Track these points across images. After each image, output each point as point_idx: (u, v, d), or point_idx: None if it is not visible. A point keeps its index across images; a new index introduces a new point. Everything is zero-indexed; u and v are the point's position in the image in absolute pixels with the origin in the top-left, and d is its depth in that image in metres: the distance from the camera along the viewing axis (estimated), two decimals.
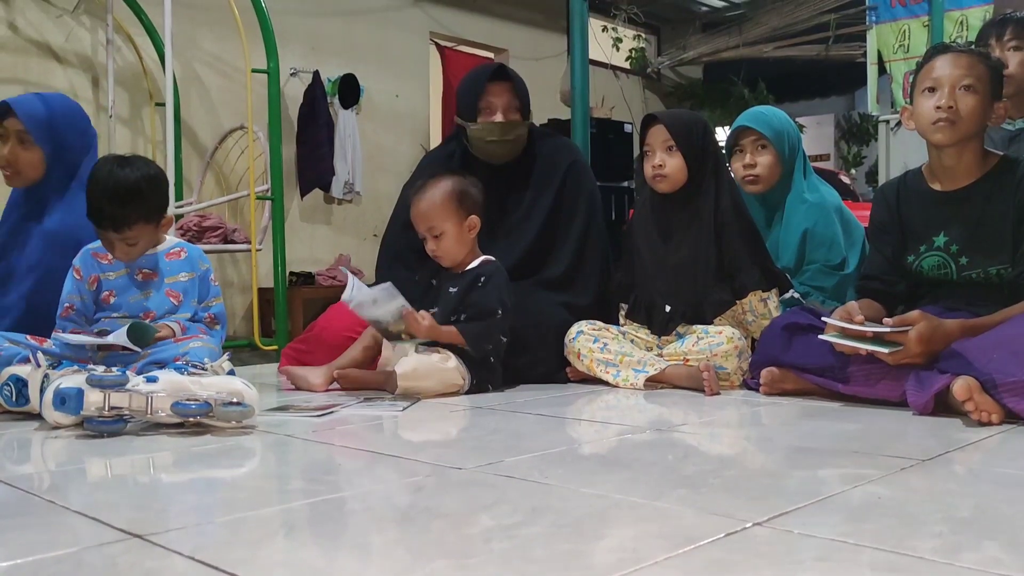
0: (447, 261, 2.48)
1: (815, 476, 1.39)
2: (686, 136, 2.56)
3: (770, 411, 2.07)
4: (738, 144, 2.81)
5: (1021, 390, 1.73)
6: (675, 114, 2.72)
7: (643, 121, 2.66)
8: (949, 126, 2.07)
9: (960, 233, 2.13)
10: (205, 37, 5.12)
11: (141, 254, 2.32)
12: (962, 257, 2.12)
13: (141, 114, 4.92)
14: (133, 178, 2.21)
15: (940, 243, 2.16)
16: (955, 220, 2.15)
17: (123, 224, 2.22)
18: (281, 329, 4.17)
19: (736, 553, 0.99)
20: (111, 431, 1.76)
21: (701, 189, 2.57)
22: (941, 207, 2.18)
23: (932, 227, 2.18)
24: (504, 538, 1.05)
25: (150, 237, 2.31)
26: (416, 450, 1.73)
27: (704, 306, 2.52)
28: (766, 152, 2.76)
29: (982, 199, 2.13)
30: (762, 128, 2.76)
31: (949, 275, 2.14)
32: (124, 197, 2.20)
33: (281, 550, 1.05)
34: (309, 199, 5.67)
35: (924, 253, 2.18)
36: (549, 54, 7.13)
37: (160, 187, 2.30)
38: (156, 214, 2.29)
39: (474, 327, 2.37)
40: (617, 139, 6.76)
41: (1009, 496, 1.24)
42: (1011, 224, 2.08)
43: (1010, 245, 2.08)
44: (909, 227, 2.24)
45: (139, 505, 1.26)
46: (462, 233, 2.46)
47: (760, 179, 2.76)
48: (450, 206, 2.44)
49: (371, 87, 5.97)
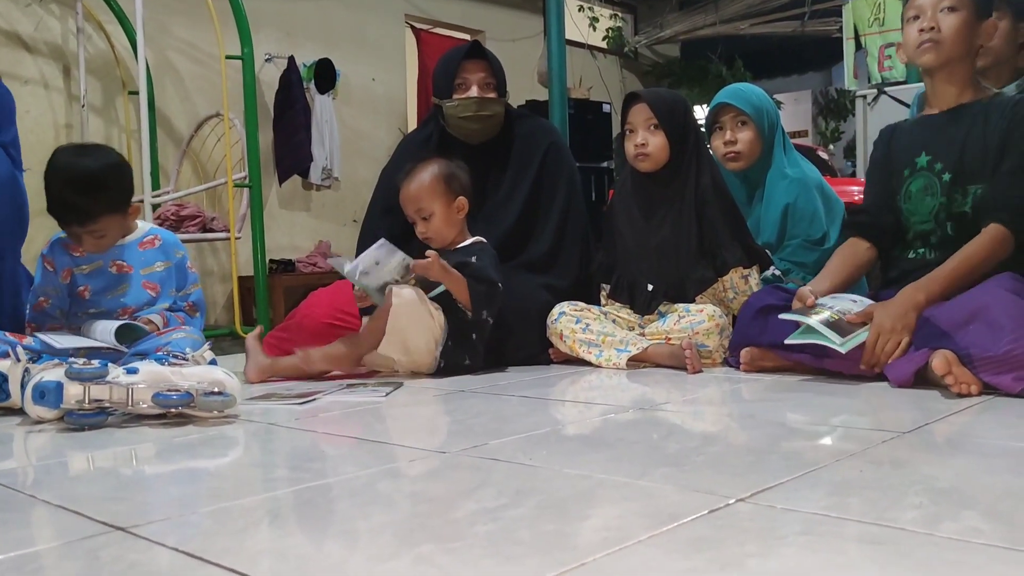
0: (437, 242, 2.48)
1: (797, 451, 1.40)
2: (668, 114, 2.56)
3: (751, 388, 2.08)
4: (718, 121, 2.81)
5: (997, 364, 1.75)
6: (657, 93, 2.72)
7: (625, 100, 2.66)
8: (934, 47, 2.09)
9: (943, 151, 2.15)
10: (178, 24, 5.06)
11: (111, 245, 2.27)
12: (945, 174, 2.13)
13: (115, 103, 4.86)
14: (94, 167, 2.13)
15: (923, 163, 2.17)
16: (939, 139, 2.16)
17: (88, 217, 2.15)
18: (262, 317, 4.15)
19: (720, 530, 1.00)
20: (92, 424, 1.75)
21: (682, 168, 2.58)
22: (926, 128, 2.20)
23: (915, 148, 2.20)
24: (489, 521, 1.05)
25: (119, 227, 2.25)
26: (400, 435, 1.73)
27: (686, 284, 2.53)
28: (746, 128, 2.76)
29: (965, 120, 2.14)
30: (742, 104, 2.76)
31: (935, 195, 2.14)
32: (87, 188, 2.12)
33: (266, 538, 1.05)
34: (288, 186, 5.63)
35: (909, 177, 2.20)
36: (526, 35, 7.10)
37: (124, 175, 2.22)
38: (122, 204, 2.22)
39: (479, 287, 2.39)
40: (595, 119, 6.75)
41: (988, 466, 1.26)
42: (992, 152, 2.09)
43: (991, 170, 2.09)
44: (896, 153, 2.26)
45: (121, 497, 1.26)
46: (451, 214, 2.47)
47: (741, 155, 2.77)
48: (438, 187, 2.45)
49: (347, 71, 5.92)
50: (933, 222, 2.17)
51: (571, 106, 5.59)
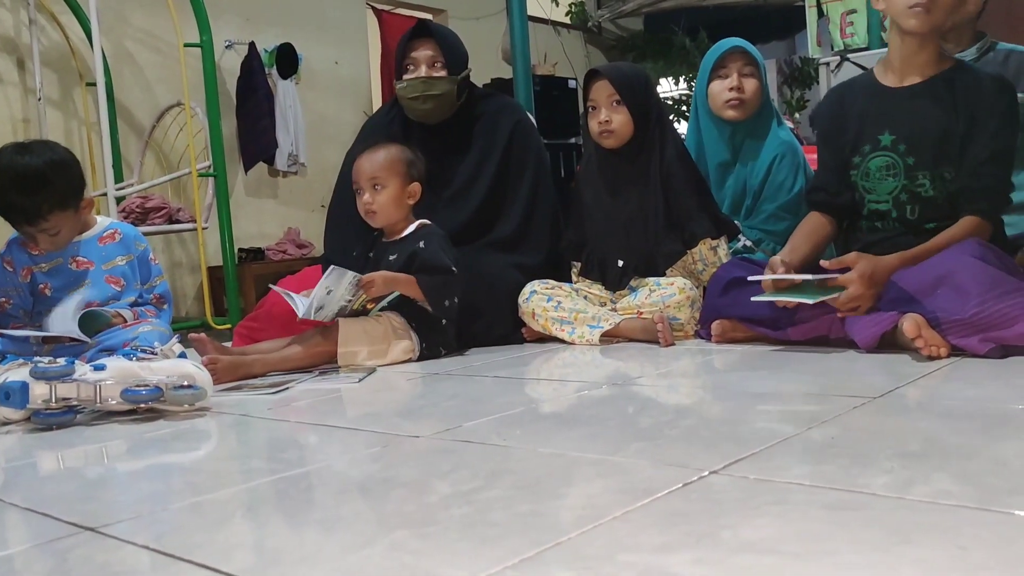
0: (379, 219, 2.46)
1: (769, 421, 1.41)
2: (630, 90, 2.55)
3: (724, 359, 2.09)
4: (723, 67, 2.75)
5: (964, 327, 1.77)
6: (618, 67, 2.70)
7: (586, 76, 2.65)
8: (925, 12, 2.05)
9: (907, 132, 2.14)
10: (134, 12, 4.96)
11: (68, 241, 2.23)
12: (909, 157, 2.13)
13: (72, 95, 4.76)
14: (36, 165, 2.09)
15: (887, 142, 2.16)
16: (901, 117, 2.15)
17: (36, 216, 2.11)
18: (233, 307, 4.11)
19: (694, 503, 1.00)
20: (60, 423, 1.73)
21: (646, 142, 2.57)
22: (888, 101, 2.18)
23: (878, 125, 2.18)
24: (464, 503, 1.05)
25: (72, 224, 2.21)
26: (373, 420, 1.72)
27: (656, 258, 2.53)
28: (752, 79, 2.75)
29: (930, 99, 2.13)
30: (753, 53, 2.75)
31: (898, 176, 2.14)
32: (32, 187, 2.08)
33: (240, 531, 1.04)
34: (253, 173, 5.57)
35: (870, 154, 2.18)
36: (488, 12, 7.03)
37: (70, 170, 2.18)
38: (71, 199, 2.18)
39: (432, 279, 2.37)
40: (561, 95, 6.71)
41: (956, 428, 1.27)
42: (958, 133, 2.09)
43: (957, 152, 2.10)
44: (853, 124, 2.23)
45: (91, 497, 1.24)
46: (402, 195, 2.45)
47: (744, 104, 2.73)
48: (399, 167, 2.44)
49: (309, 56, 5.85)
50: (891, 203, 2.16)
51: (536, 83, 5.56)
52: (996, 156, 2.07)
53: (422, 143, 2.65)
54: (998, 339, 1.75)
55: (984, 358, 1.75)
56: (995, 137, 2.07)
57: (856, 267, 1.96)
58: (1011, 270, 1.89)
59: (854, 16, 4.90)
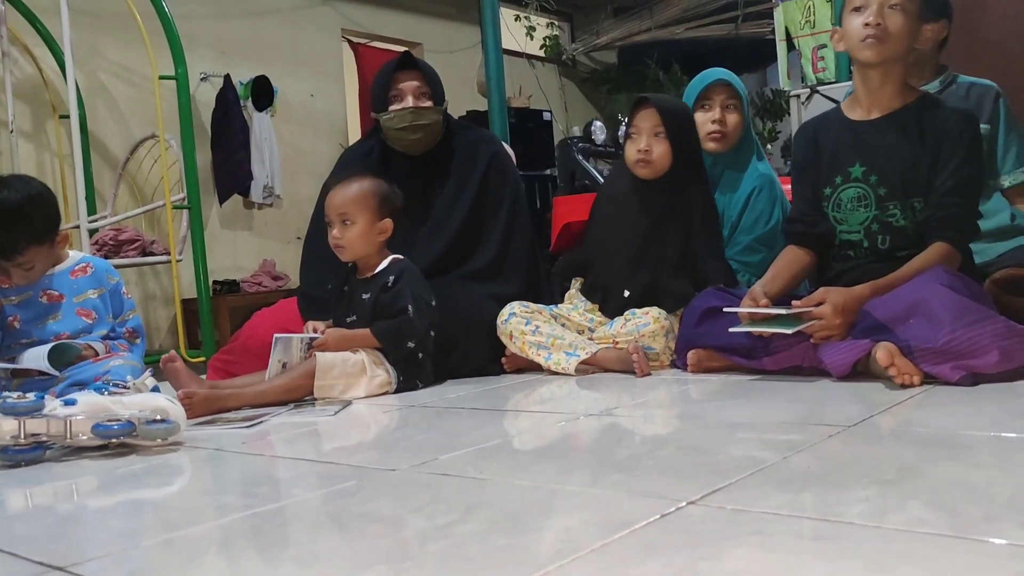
0: (347, 254, 2.44)
1: (745, 450, 1.41)
2: (676, 124, 2.56)
3: (699, 389, 2.09)
4: (707, 98, 2.77)
5: (936, 356, 1.79)
6: (667, 100, 2.70)
7: (634, 102, 2.64)
8: (877, 43, 2.09)
9: (877, 163, 2.16)
10: (108, 45, 4.95)
11: (41, 275, 2.23)
12: (880, 188, 2.16)
13: (45, 128, 4.74)
14: (14, 200, 2.10)
15: (857, 174, 2.19)
16: (871, 150, 2.18)
17: (11, 250, 2.12)
18: (207, 340, 4.07)
19: (672, 534, 1.00)
20: (29, 459, 1.69)
21: (680, 179, 2.57)
22: (857, 135, 2.21)
23: (848, 156, 2.21)
24: (440, 538, 1.04)
25: (46, 258, 2.22)
26: (349, 454, 1.70)
27: (662, 296, 2.52)
28: (735, 112, 2.76)
29: (899, 130, 2.16)
30: (737, 86, 2.76)
31: (869, 207, 2.16)
32: (9, 222, 2.09)
33: (214, 569, 1.02)
34: (228, 205, 5.55)
35: (841, 185, 2.21)
36: (464, 46, 7.09)
37: (45, 205, 2.19)
38: (47, 234, 2.19)
39: (385, 325, 2.35)
40: (536, 128, 6.75)
41: (930, 455, 1.28)
42: (925, 165, 2.12)
43: (925, 182, 2.12)
44: (826, 156, 2.26)
45: (60, 535, 1.22)
46: (371, 231, 2.42)
47: (726, 137, 2.75)
48: (370, 202, 2.42)
49: (285, 88, 5.86)
50: (863, 233, 2.19)
51: (512, 115, 5.60)
52: (962, 186, 2.10)
53: (401, 174, 2.65)
54: (969, 367, 1.77)
55: (956, 386, 1.76)
56: (960, 168, 2.10)
57: (828, 299, 1.98)
58: (979, 297, 1.91)
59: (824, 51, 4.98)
